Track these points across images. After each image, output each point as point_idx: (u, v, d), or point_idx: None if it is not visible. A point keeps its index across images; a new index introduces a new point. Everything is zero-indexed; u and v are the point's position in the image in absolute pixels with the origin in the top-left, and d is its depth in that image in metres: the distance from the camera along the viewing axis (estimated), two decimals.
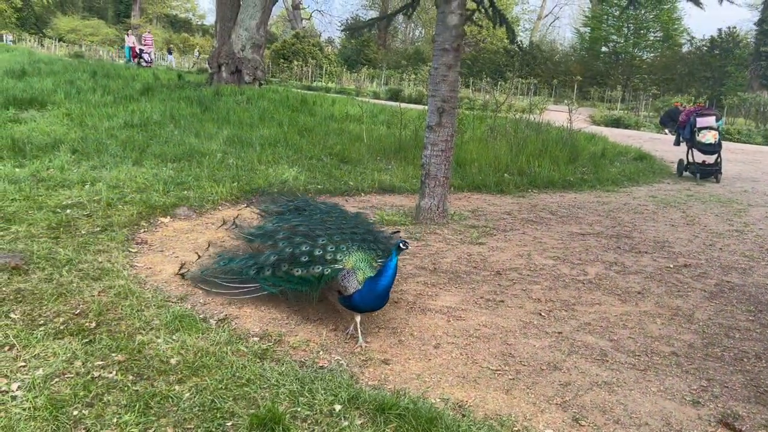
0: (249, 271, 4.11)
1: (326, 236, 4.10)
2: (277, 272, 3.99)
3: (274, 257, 4.04)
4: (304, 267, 3.91)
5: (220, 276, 4.27)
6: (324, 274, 3.86)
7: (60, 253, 4.90)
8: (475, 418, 3.12)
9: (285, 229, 4.33)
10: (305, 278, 3.91)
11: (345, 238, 4.13)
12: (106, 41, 50.93)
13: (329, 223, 4.45)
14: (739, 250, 6.74)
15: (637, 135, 20.13)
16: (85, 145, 8.97)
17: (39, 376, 3.15)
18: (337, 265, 3.88)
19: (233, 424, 2.90)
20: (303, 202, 5.09)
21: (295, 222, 4.45)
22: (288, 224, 4.43)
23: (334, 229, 4.30)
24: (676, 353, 4.03)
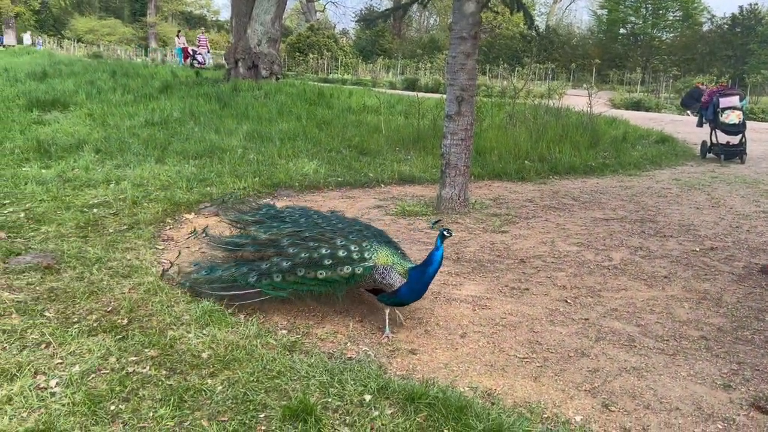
0: (246, 278, 3.98)
1: (341, 237, 4.03)
2: (289, 277, 3.89)
3: (287, 263, 3.92)
4: (328, 269, 3.83)
5: (205, 285, 4.16)
6: (355, 273, 3.82)
7: (89, 251, 4.99)
8: (505, 406, 3.13)
9: (286, 235, 4.17)
10: (329, 279, 3.85)
11: (363, 236, 4.07)
12: (123, 40, 51.42)
13: (326, 225, 4.33)
14: (767, 231, 6.64)
15: (658, 117, 19.87)
16: (108, 145, 9.10)
17: (76, 373, 3.22)
18: (367, 263, 3.84)
19: (266, 415, 2.94)
20: (273, 210, 4.89)
21: (290, 229, 4.28)
22: (285, 231, 4.26)
23: (342, 229, 4.20)
24: (706, 337, 4.00)
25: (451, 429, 2.86)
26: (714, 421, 3.07)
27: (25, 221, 5.65)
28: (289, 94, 15.71)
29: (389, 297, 3.83)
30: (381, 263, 3.83)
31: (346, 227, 4.28)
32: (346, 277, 3.85)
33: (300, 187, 7.88)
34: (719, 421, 3.07)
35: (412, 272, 3.79)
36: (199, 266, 4.38)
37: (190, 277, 4.31)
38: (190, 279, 4.28)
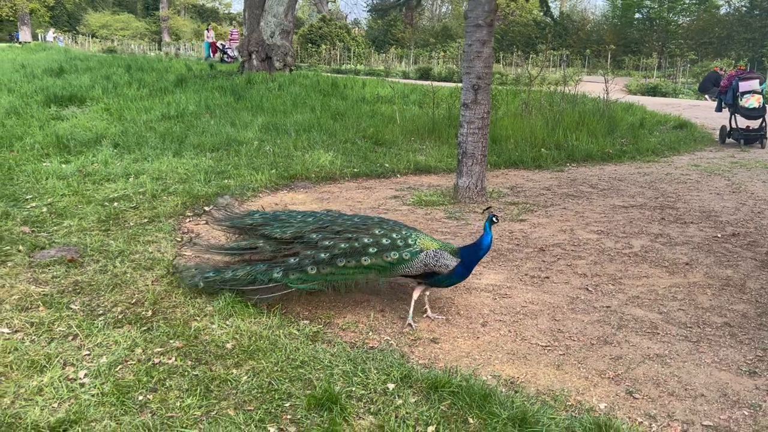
0: (269, 274, 3.91)
1: (377, 228, 4.00)
2: (324, 269, 3.85)
3: (325, 254, 3.88)
4: (374, 256, 3.83)
5: (218, 283, 4.11)
6: (403, 259, 3.83)
7: (112, 245, 5.05)
8: (528, 394, 3.14)
9: (314, 230, 4.07)
10: (373, 266, 3.84)
11: (391, 226, 4.06)
12: (137, 35, 51.68)
13: (342, 221, 4.22)
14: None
15: (675, 103, 19.64)
16: (126, 139, 9.18)
17: (103, 364, 3.27)
18: (413, 248, 3.86)
19: (291, 404, 2.98)
20: (270, 214, 4.64)
21: (314, 225, 4.16)
22: (310, 227, 4.14)
23: (364, 222, 4.16)
24: (729, 324, 3.97)
25: (476, 417, 2.87)
26: (740, 407, 3.05)
27: (48, 216, 5.72)
28: (302, 86, 15.73)
29: (446, 277, 3.88)
30: (429, 248, 3.87)
31: (362, 221, 4.20)
32: (392, 262, 3.85)
33: (316, 178, 7.90)
34: (745, 407, 3.05)
35: (463, 252, 3.90)
36: (200, 269, 4.26)
37: (201, 276, 4.17)
38: (203, 279, 4.15)
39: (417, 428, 2.81)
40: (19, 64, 19.80)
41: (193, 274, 4.26)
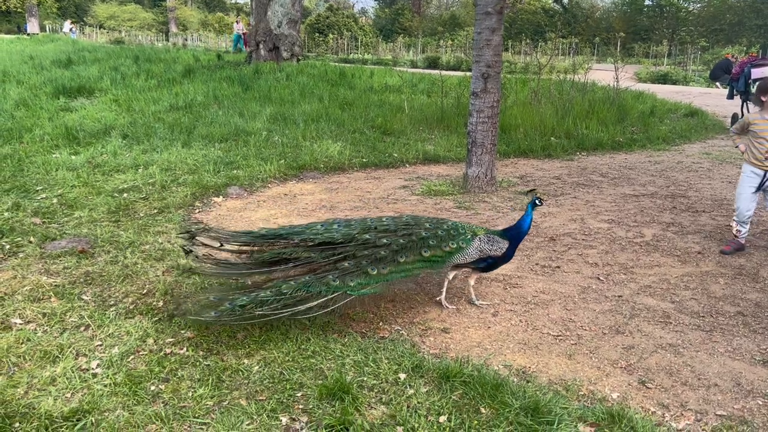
0: (319, 286, 3.45)
1: (427, 222, 3.96)
2: (384, 269, 3.62)
3: (385, 251, 3.66)
4: (433, 248, 3.77)
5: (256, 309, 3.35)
6: (460, 247, 3.84)
7: (122, 236, 5.06)
8: (540, 384, 3.13)
9: (363, 231, 3.78)
10: (432, 258, 3.77)
11: (436, 219, 4.07)
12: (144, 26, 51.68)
13: (372, 222, 4.01)
14: None
15: (686, 91, 19.47)
16: (135, 130, 9.19)
17: (116, 354, 3.29)
18: (467, 236, 3.88)
19: (303, 394, 2.98)
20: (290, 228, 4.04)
21: (360, 227, 3.85)
22: (356, 229, 3.82)
23: (404, 223, 4.02)
24: (743, 313, 3.94)
25: (488, 406, 2.87)
26: (754, 397, 3.03)
27: (58, 207, 5.74)
28: (310, 76, 15.68)
29: (500, 260, 3.93)
30: (479, 233, 3.91)
31: (405, 220, 4.04)
32: (451, 252, 3.83)
33: (325, 168, 7.89)
34: (759, 397, 3.03)
35: (509, 234, 3.96)
36: (222, 296, 3.45)
37: (231, 306, 3.34)
38: (232, 308, 3.33)
39: (429, 418, 2.81)
40: (28, 55, 19.83)
41: (211, 303, 3.40)
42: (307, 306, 3.42)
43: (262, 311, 3.34)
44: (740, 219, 5.05)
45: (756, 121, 4.93)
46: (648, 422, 2.75)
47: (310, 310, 3.43)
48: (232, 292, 3.49)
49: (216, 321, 3.36)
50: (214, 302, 3.40)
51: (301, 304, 3.41)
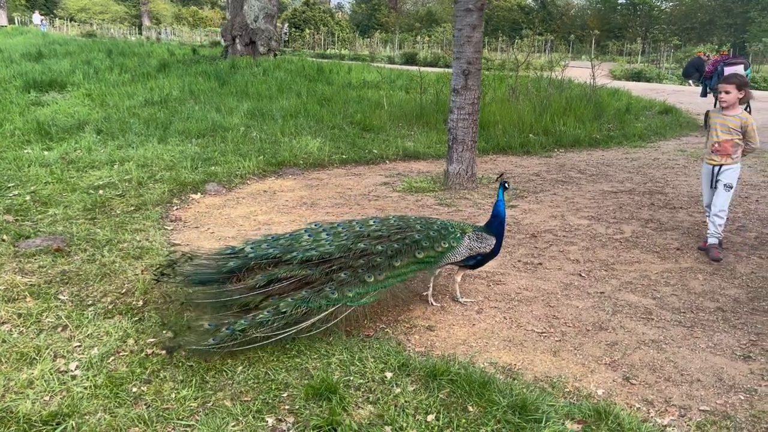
0: (317, 300, 3.34)
1: (418, 224, 3.89)
2: (380, 275, 3.54)
3: (381, 258, 3.59)
4: (426, 249, 3.73)
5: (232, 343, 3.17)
6: (451, 246, 3.80)
7: (99, 233, 4.96)
8: (526, 381, 3.13)
9: (356, 239, 3.69)
10: (426, 260, 3.73)
11: (424, 219, 3.99)
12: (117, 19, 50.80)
13: (361, 227, 3.90)
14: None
15: (660, 88, 19.74)
16: (109, 125, 9.02)
17: (95, 355, 3.21)
18: (456, 234, 3.86)
19: (289, 394, 2.94)
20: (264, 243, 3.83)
21: (349, 236, 3.74)
22: (348, 238, 3.71)
23: (395, 225, 3.93)
24: (722, 308, 4.00)
25: (475, 405, 2.86)
26: (736, 392, 3.07)
27: (32, 204, 5.60)
28: (288, 71, 15.57)
29: (488, 256, 3.93)
30: (467, 231, 3.89)
31: (395, 221, 3.96)
32: (443, 251, 3.79)
33: (305, 165, 7.82)
34: (741, 392, 3.07)
35: (493, 228, 3.95)
36: (211, 328, 3.20)
37: (229, 330, 3.16)
38: (232, 333, 3.16)
39: (417, 417, 2.79)
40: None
41: (208, 330, 3.17)
42: (311, 322, 3.32)
43: (264, 333, 3.20)
44: (708, 213, 5.11)
45: (713, 115, 5.00)
46: (634, 419, 2.77)
47: (313, 326, 3.33)
48: (227, 316, 3.30)
49: (218, 348, 3.13)
50: (210, 329, 3.18)
51: (304, 321, 3.30)
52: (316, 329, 3.35)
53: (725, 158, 4.85)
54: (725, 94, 4.79)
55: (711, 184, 4.94)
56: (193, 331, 3.22)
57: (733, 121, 4.81)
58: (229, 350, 3.17)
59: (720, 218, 4.91)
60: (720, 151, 4.85)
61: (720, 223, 4.92)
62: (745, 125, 4.80)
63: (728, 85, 4.79)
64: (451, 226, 3.92)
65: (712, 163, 4.93)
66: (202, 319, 3.29)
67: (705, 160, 5.02)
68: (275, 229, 5.36)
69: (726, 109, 4.85)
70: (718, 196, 4.90)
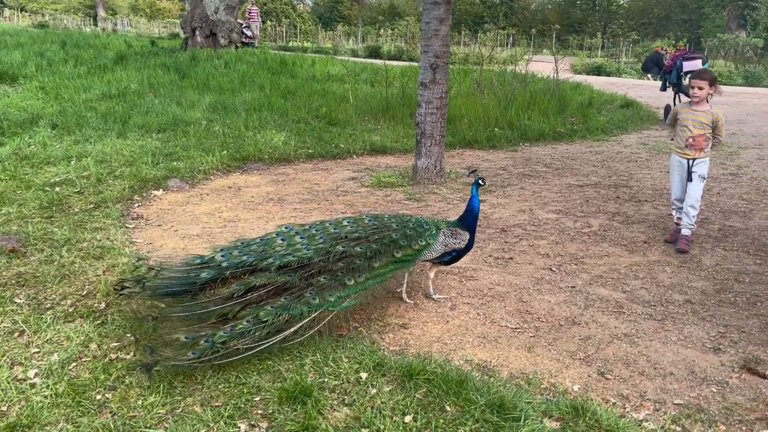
0: (299, 307, 3.22)
1: (394, 223, 3.83)
2: (360, 277, 3.47)
3: (360, 260, 3.50)
4: (404, 248, 3.66)
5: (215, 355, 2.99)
6: (429, 243, 3.75)
7: (56, 233, 4.76)
8: (502, 378, 3.10)
9: (334, 241, 3.59)
10: (403, 259, 3.67)
11: (399, 217, 3.93)
12: (70, 9, 49.28)
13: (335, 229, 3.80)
14: (736, 193, 6.78)
15: (620, 82, 20.08)
16: (65, 119, 8.70)
17: (55, 362, 3.06)
18: (431, 230, 3.81)
19: (262, 398, 2.85)
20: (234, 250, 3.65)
21: (328, 239, 3.63)
22: (326, 240, 3.61)
23: (371, 225, 3.86)
24: (691, 301, 4.04)
25: (453, 404, 2.82)
26: (708, 384, 3.10)
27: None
28: (250, 64, 15.29)
29: (463, 251, 3.91)
30: (441, 227, 3.85)
31: (370, 221, 3.90)
32: (420, 249, 3.73)
33: (270, 159, 7.68)
34: (713, 384, 3.10)
35: (466, 223, 3.92)
36: (193, 340, 3.00)
37: (208, 344, 2.97)
38: (212, 347, 2.97)
39: (394, 418, 2.73)
40: None
41: (185, 344, 2.98)
42: (293, 329, 3.19)
43: (246, 344, 3.03)
44: (676, 206, 5.19)
45: (682, 111, 5.07)
46: (612, 414, 2.77)
47: (296, 333, 3.21)
48: (204, 328, 3.09)
49: (198, 362, 2.94)
50: (188, 342, 2.98)
51: (287, 329, 3.16)
52: (300, 336, 3.23)
53: (699, 152, 4.96)
54: (698, 90, 4.87)
55: (688, 177, 5.02)
56: (169, 346, 2.99)
57: (704, 116, 4.91)
58: (212, 363, 2.99)
59: (695, 209, 5.02)
60: (694, 146, 4.94)
61: (694, 214, 5.02)
62: (716, 120, 4.91)
63: (701, 81, 4.88)
64: (426, 222, 3.86)
65: (686, 156, 5.01)
66: (177, 332, 3.07)
67: (677, 155, 5.08)
68: (241, 226, 5.24)
69: (696, 104, 4.92)
70: (693, 187, 4.99)
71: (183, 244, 4.78)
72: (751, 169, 8.05)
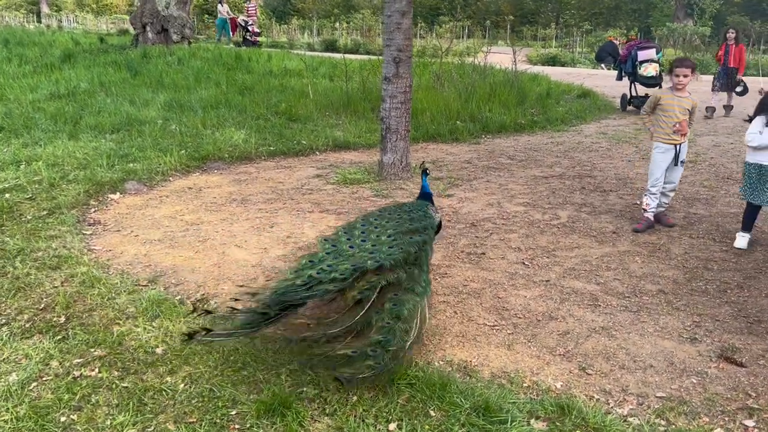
0: (413, 298, 3.12)
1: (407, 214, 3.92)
2: (423, 266, 3.45)
3: (415, 248, 3.45)
4: (432, 232, 3.83)
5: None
6: (433, 217, 3.98)
7: (8, 242, 4.51)
8: (483, 378, 3.05)
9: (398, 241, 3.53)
10: (429, 239, 3.76)
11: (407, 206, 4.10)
12: (11, 5, 47.38)
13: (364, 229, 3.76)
14: (697, 180, 6.90)
15: (575, 72, 20.33)
16: (11, 121, 8.31)
17: (14, 382, 2.88)
18: (430, 208, 4.08)
19: (238, 412, 2.72)
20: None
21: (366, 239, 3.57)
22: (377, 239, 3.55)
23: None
24: (663, 291, 4.07)
25: (437, 409, 2.75)
26: (688, 375, 3.11)
27: None
28: (204, 59, 14.91)
29: (438, 227, 4.11)
30: (426, 205, 4.10)
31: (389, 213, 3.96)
32: (436, 229, 3.96)
33: (230, 158, 7.48)
34: (693, 375, 3.11)
35: (429, 200, 4.23)
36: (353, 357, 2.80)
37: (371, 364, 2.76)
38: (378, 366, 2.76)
39: (378, 427, 2.65)
40: None
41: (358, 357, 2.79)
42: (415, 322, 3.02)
43: (398, 344, 2.82)
44: (652, 193, 5.22)
45: (666, 97, 5.13)
46: (598, 411, 2.74)
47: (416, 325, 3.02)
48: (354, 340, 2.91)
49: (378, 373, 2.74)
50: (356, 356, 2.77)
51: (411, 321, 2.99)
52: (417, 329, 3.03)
53: (683, 137, 5.13)
54: (684, 77, 5.03)
55: (675, 162, 5.18)
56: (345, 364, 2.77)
57: (687, 102, 5.12)
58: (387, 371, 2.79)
59: (675, 191, 5.50)
60: (680, 131, 5.08)
61: (673, 195, 5.49)
62: (694, 106, 5.18)
63: (686, 69, 5.04)
64: (416, 204, 4.10)
65: (674, 142, 5.14)
66: (333, 350, 2.84)
67: (664, 142, 5.15)
68: (205, 228, 5.07)
69: (680, 91, 5.09)
70: (678, 171, 5.30)
71: (145, 250, 4.59)
72: (709, 155, 8.22)
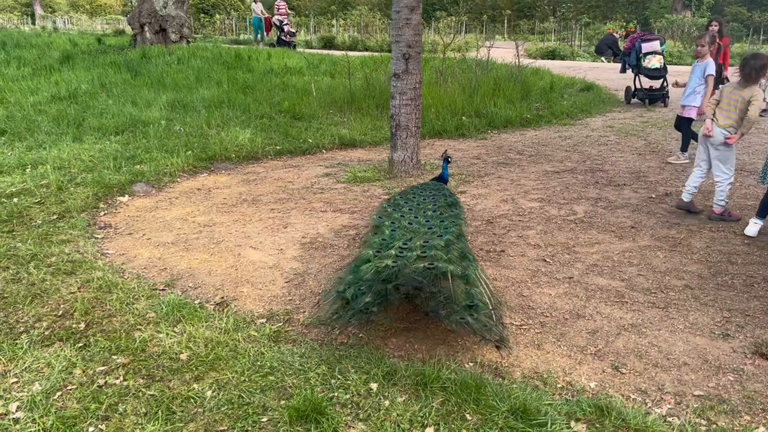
0: (474, 266, 3.48)
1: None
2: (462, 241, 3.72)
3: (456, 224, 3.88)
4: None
5: None
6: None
7: (20, 248, 4.44)
8: (515, 379, 2.99)
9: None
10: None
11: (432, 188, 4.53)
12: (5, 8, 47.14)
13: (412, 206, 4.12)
14: None
15: (576, 65, 20.26)
16: (14, 125, 8.22)
17: (38, 392, 2.81)
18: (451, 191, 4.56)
19: (270, 419, 2.66)
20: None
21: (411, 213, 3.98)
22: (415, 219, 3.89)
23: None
24: (689, 286, 4.01)
25: (473, 412, 2.69)
26: (724, 372, 3.05)
27: None
28: (204, 59, 14.82)
29: None
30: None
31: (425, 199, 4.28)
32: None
33: (237, 158, 7.41)
34: (729, 372, 3.05)
35: (444, 181, 4.97)
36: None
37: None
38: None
39: (414, 431, 2.59)
40: None
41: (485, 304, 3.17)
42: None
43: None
44: None
45: (731, 90, 5.15)
46: (638, 413, 2.68)
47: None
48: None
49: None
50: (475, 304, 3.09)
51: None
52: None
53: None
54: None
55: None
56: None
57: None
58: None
59: None
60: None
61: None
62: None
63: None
64: (434, 185, 4.62)
65: None
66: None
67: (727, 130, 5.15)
68: (218, 230, 5.01)
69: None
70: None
71: (159, 254, 4.52)
72: None
